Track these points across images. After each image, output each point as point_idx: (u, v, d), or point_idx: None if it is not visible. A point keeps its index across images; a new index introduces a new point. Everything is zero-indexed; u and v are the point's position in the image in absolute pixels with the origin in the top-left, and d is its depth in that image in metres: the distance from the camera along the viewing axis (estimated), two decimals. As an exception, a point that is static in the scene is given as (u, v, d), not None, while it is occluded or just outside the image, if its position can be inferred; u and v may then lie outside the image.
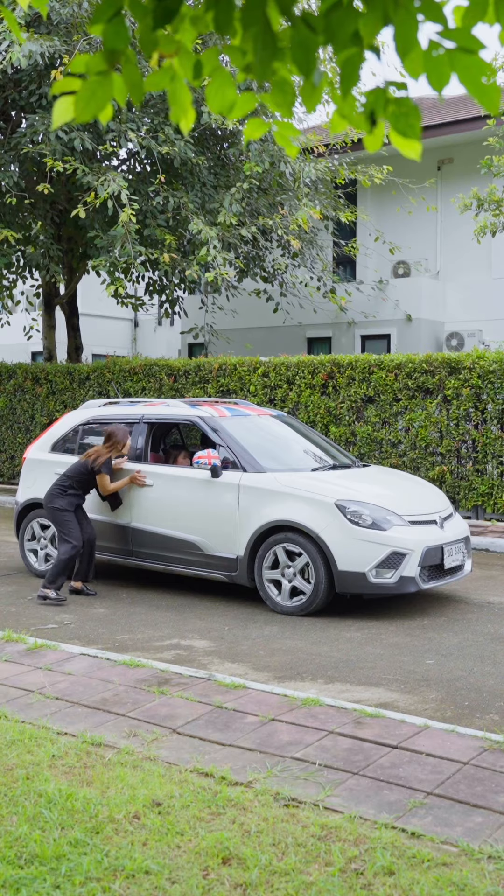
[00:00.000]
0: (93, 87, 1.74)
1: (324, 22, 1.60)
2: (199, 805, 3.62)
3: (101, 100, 1.75)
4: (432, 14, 1.58)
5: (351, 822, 3.49)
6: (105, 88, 1.74)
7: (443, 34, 1.60)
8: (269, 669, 5.81)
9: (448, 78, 1.65)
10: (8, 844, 3.27)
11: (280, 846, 3.30)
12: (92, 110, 1.75)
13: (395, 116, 1.68)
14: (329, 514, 7.17)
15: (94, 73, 1.73)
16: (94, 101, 1.74)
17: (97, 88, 1.73)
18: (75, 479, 7.95)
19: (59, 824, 3.42)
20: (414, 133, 1.71)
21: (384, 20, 1.58)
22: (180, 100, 1.82)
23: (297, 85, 1.77)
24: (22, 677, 5.32)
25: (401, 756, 4.15)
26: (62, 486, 7.93)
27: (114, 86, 1.74)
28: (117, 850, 3.24)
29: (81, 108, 1.74)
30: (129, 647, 6.35)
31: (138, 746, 4.27)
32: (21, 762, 4.03)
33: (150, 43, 1.73)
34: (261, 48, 1.63)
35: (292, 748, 4.24)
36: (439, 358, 11.70)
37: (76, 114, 1.77)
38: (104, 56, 1.72)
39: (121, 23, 1.71)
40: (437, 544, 7.30)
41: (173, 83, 1.80)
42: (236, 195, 13.54)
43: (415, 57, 1.61)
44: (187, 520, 7.88)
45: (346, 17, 1.58)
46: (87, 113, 1.75)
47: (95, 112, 1.76)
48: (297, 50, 1.64)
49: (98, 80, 1.73)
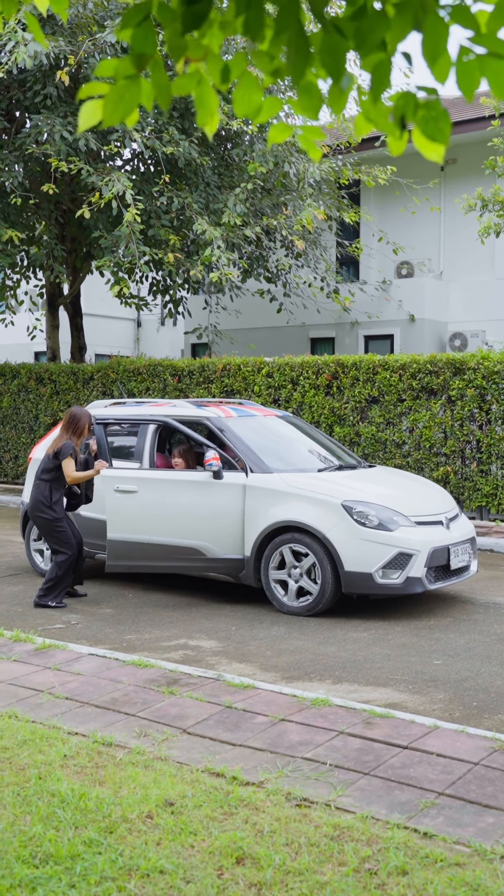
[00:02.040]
0: (121, 92, 1.74)
1: (353, 27, 1.60)
2: (211, 805, 3.63)
3: (129, 104, 1.76)
4: (463, 19, 1.59)
5: (363, 822, 3.50)
6: (133, 92, 1.74)
7: (474, 40, 1.61)
8: (277, 669, 5.82)
9: (478, 83, 1.66)
10: (23, 844, 3.28)
11: (293, 846, 3.31)
12: (120, 114, 1.75)
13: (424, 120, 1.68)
14: (336, 514, 7.18)
15: (123, 77, 1.74)
16: (122, 104, 1.75)
17: (125, 92, 1.74)
18: (52, 480, 7.55)
19: (72, 824, 3.44)
20: (443, 137, 1.72)
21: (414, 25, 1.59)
22: (207, 104, 1.83)
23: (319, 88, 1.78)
24: (31, 677, 5.33)
25: (411, 756, 4.16)
26: (44, 492, 7.53)
27: (142, 90, 1.75)
28: (131, 850, 3.25)
29: (109, 112, 1.75)
30: (136, 647, 6.36)
31: (149, 746, 4.28)
32: (33, 762, 4.04)
33: (178, 48, 1.74)
34: (294, 52, 1.64)
35: (303, 748, 4.25)
36: (444, 358, 11.71)
37: (104, 117, 1.77)
38: (132, 60, 1.73)
39: (149, 27, 1.72)
40: (444, 545, 7.31)
41: (200, 87, 1.81)
42: (240, 195, 13.55)
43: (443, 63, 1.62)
44: (190, 524, 7.73)
45: (377, 23, 1.59)
46: (115, 117, 1.76)
47: (123, 116, 1.77)
48: (327, 54, 1.65)
49: (126, 84, 1.74)
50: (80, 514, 8.43)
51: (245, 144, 14.98)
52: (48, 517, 7.55)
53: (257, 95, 1.79)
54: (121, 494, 7.90)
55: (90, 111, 1.80)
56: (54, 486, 7.59)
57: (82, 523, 8.45)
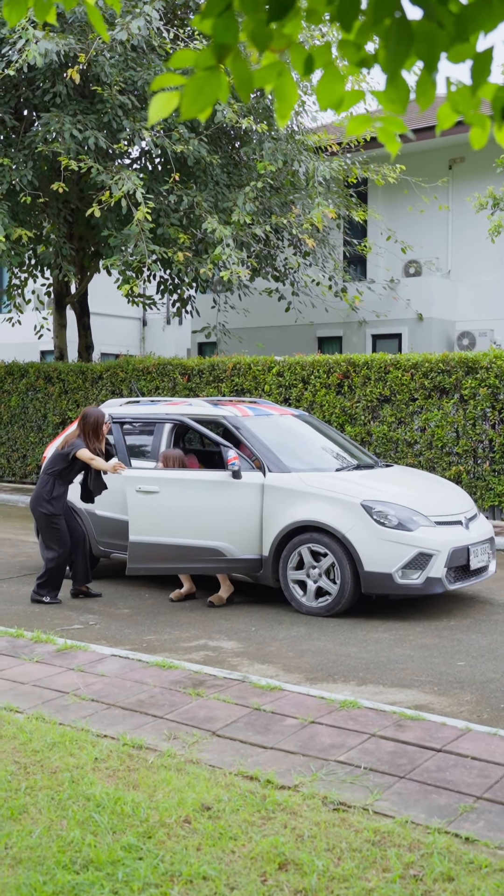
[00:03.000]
0: (200, 83, 1.70)
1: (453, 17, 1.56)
2: (248, 809, 3.59)
3: (209, 96, 1.71)
4: None
5: (403, 827, 3.46)
6: (213, 84, 1.70)
7: None
8: (300, 671, 5.78)
9: None
10: (61, 849, 3.24)
11: (335, 851, 3.26)
12: (199, 106, 1.71)
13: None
14: (355, 514, 7.14)
15: (203, 68, 1.70)
16: (201, 96, 1.70)
17: (204, 84, 1.70)
18: (56, 475, 7.55)
19: (110, 829, 3.39)
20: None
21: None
22: (287, 96, 1.79)
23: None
24: (55, 678, 5.29)
25: (446, 759, 4.12)
26: (47, 487, 7.53)
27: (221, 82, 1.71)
28: (172, 855, 3.21)
29: (188, 104, 1.70)
30: (157, 647, 6.32)
31: (180, 749, 4.24)
32: (64, 765, 4.00)
33: (263, 38, 1.69)
34: (394, 42, 1.59)
35: (335, 751, 4.21)
36: (456, 357, 11.67)
37: (183, 109, 1.73)
38: (213, 51, 1.68)
39: (231, 17, 1.67)
40: (463, 545, 7.26)
41: (280, 78, 1.76)
42: (250, 194, 13.50)
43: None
44: (210, 524, 7.67)
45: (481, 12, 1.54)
46: (193, 108, 1.71)
47: (203, 107, 1.72)
48: (422, 44, 1.60)
49: (206, 75, 1.70)
50: (96, 513, 8.39)
51: (253, 143, 14.93)
52: (46, 511, 7.55)
53: (340, 86, 1.75)
54: (143, 495, 7.80)
55: (163, 103, 1.75)
56: (58, 481, 7.60)
57: (99, 522, 8.41)
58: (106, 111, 13.27)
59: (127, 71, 13.29)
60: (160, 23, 12.76)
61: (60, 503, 7.61)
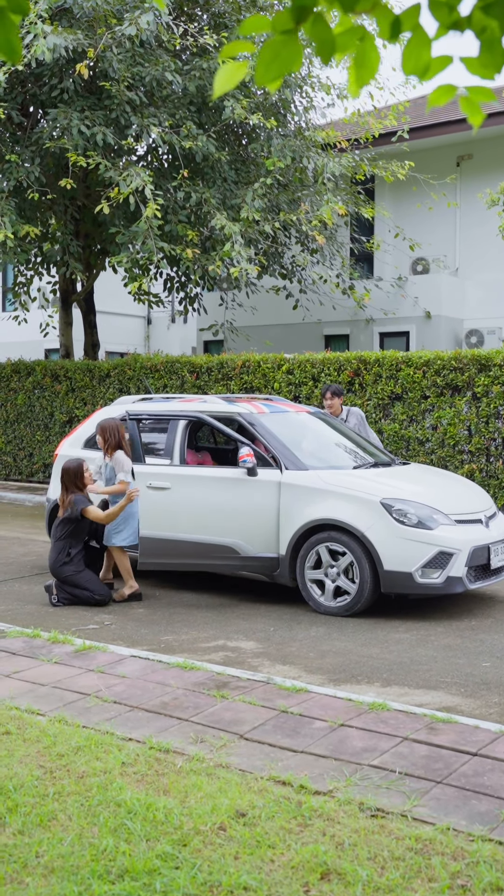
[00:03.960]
0: (276, 49, 1.59)
1: None
2: (284, 816, 3.48)
3: (286, 62, 1.60)
4: None
5: (445, 835, 3.35)
6: (290, 50, 1.58)
7: None
8: (323, 672, 5.67)
9: None
10: (95, 858, 3.13)
11: (378, 860, 3.16)
12: (274, 73, 1.60)
13: None
14: (374, 512, 7.03)
15: (280, 32, 1.59)
16: (276, 63, 1.59)
17: (281, 50, 1.59)
18: (70, 537, 7.49)
19: (143, 836, 3.29)
20: None
21: None
22: (369, 62, 1.68)
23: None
24: (75, 680, 5.18)
25: (482, 764, 4.01)
26: (64, 551, 7.45)
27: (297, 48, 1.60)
28: (209, 865, 3.10)
29: (263, 71, 1.60)
30: (175, 648, 6.21)
31: (208, 753, 4.13)
32: (91, 770, 3.89)
33: (349, -1, 1.57)
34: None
35: (368, 755, 4.10)
36: (469, 355, 11.55)
37: (258, 77, 1.62)
38: (292, 13, 1.57)
39: (313, -23, 1.57)
40: (484, 544, 7.16)
41: (363, 43, 1.65)
42: (259, 191, 13.38)
43: None
44: (222, 522, 7.60)
45: None
46: (268, 76, 1.60)
47: (279, 74, 1.61)
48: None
49: (283, 40, 1.58)
50: None
51: (261, 139, 14.81)
52: (70, 573, 7.44)
53: (427, 52, 1.64)
54: (153, 491, 7.75)
55: (231, 72, 1.64)
56: (72, 542, 7.52)
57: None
58: (114, 107, 13.16)
59: (135, 67, 13.18)
60: (169, 18, 12.65)
61: (80, 558, 7.55)
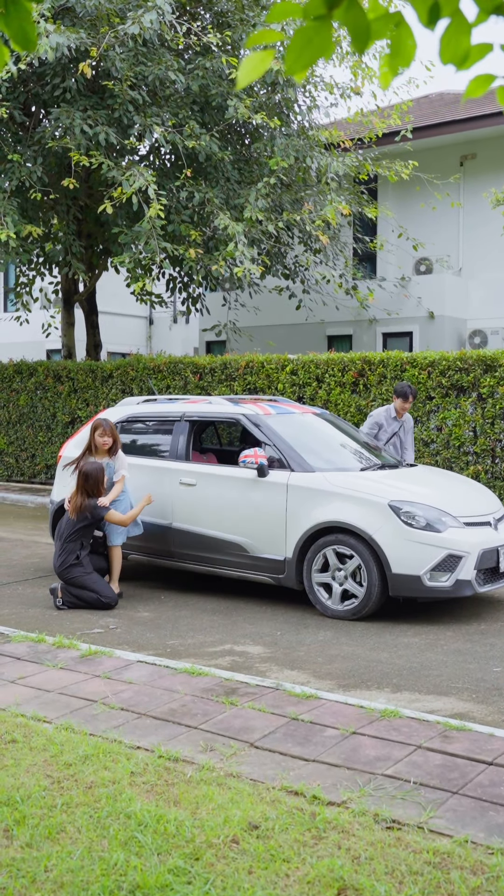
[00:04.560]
0: (308, 35, 1.51)
1: None
2: (298, 828, 3.40)
3: (318, 49, 1.52)
4: None
5: (463, 848, 3.27)
6: (322, 36, 1.51)
7: None
8: (332, 677, 5.59)
9: None
10: (105, 872, 3.05)
11: (395, 874, 3.08)
12: (305, 61, 1.52)
13: None
14: (382, 515, 6.95)
15: (312, 17, 1.51)
16: (308, 50, 1.52)
17: (313, 35, 1.51)
18: (79, 538, 7.48)
19: (154, 850, 3.21)
20: None
21: None
22: (404, 50, 1.60)
23: None
24: (81, 686, 5.10)
25: (499, 773, 3.93)
26: (73, 553, 7.44)
27: (329, 35, 1.52)
28: (223, 879, 3.02)
29: (293, 58, 1.52)
30: (181, 653, 6.13)
31: (218, 762, 4.05)
32: (100, 779, 3.81)
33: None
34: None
35: (381, 764, 4.02)
36: (474, 356, 11.47)
37: (288, 65, 1.54)
38: (324, -1, 1.50)
39: (346, -40, 1.49)
40: (493, 546, 7.08)
41: (398, 30, 1.58)
42: (262, 190, 13.30)
43: None
44: (232, 520, 7.64)
45: None
46: (299, 63, 1.52)
47: (309, 63, 1.53)
48: None
49: (315, 26, 1.51)
50: None
51: (264, 139, 14.73)
52: (79, 574, 7.41)
53: (466, 39, 1.56)
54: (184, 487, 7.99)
55: (257, 62, 1.56)
56: (82, 544, 7.53)
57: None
58: (116, 106, 13.08)
59: (138, 66, 13.10)
60: (172, 17, 12.57)
61: (87, 560, 7.54)
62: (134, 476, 8.09)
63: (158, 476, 8.10)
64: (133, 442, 8.50)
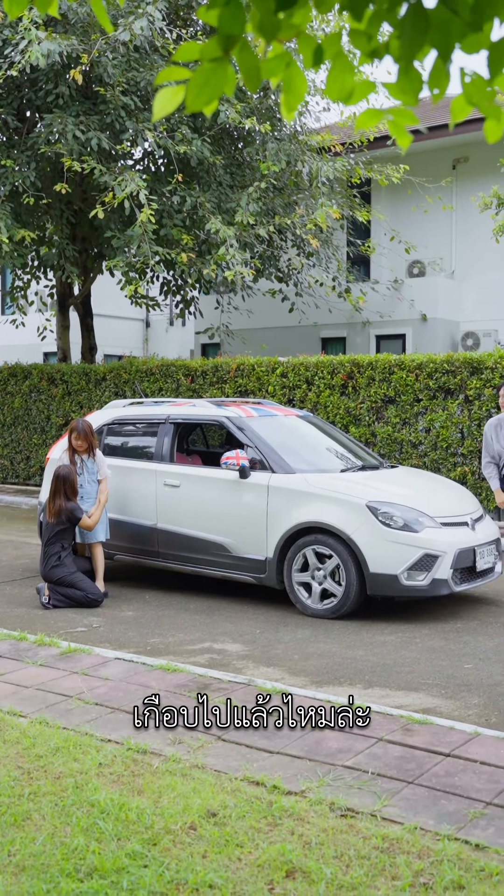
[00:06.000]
0: (206, 76, 1.65)
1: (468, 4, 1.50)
2: (254, 815, 3.54)
3: (215, 88, 1.66)
4: None
5: (412, 834, 3.40)
6: (219, 76, 1.65)
7: None
8: (306, 674, 5.73)
9: None
10: (65, 856, 3.19)
11: (343, 859, 3.21)
12: (204, 99, 1.66)
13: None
14: (360, 515, 7.08)
15: (208, 59, 1.65)
16: (207, 89, 1.65)
17: (211, 77, 1.65)
18: (59, 540, 7.63)
19: (115, 835, 3.34)
20: None
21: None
22: (296, 88, 1.74)
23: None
24: (59, 682, 5.24)
25: (454, 764, 4.06)
26: (55, 554, 7.59)
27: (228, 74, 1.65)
28: (177, 863, 3.16)
29: (194, 96, 1.65)
30: (161, 650, 6.27)
31: (185, 754, 4.19)
32: (68, 770, 3.95)
33: (270, 28, 1.63)
34: (409, 30, 1.53)
35: (342, 756, 4.16)
36: (461, 358, 11.61)
37: (188, 103, 1.68)
38: (220, 42, 1.63)
39: (238, 7, 1.62)
40: (469, 546, 7.21)
41: (289, 70, 1.71)
42: (253, 194, 13.45)
43: None
44: (215, 521, 7.80)
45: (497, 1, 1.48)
46: (199, 101, 1.66)
47: (209, 100, 1.67)
48: (437, 33, 1.55)
49: (212, 67, 1.64)
50: (110, 516, 8.34)
51: (256, 143, 14.88)
52: (63, 574, 7.56)
53: (350, 78, 1.70)
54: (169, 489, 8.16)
55: (168, 97, 1.70)
56: (63, 545, 7.66)
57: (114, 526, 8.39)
58: (109, 112, 13.23)
59: (130, 72, 13.25)
60: (163, 23, 12.72)
61: (70, 560, 7.68)
62: (120, 477, 8.25)
63: (143, 477, 8.25)
64: (119, 444, 8.64)
